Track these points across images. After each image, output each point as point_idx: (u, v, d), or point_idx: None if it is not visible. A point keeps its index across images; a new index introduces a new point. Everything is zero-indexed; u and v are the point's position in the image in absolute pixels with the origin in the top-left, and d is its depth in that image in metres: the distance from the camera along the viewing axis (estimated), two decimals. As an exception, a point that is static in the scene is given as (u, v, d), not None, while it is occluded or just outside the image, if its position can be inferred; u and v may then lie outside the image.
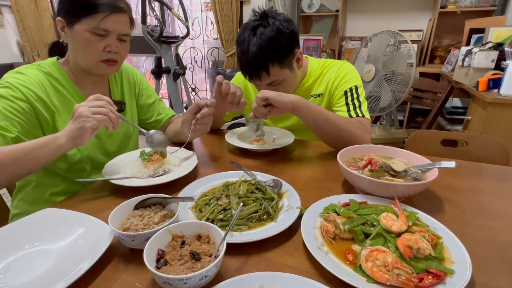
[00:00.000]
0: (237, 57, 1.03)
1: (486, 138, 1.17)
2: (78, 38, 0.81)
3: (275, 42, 0.96)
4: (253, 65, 0.98)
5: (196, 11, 3.93)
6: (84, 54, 0.83)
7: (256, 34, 0.96)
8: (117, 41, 0.85)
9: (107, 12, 0.79)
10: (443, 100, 2.09)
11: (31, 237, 0.58)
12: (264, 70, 0.98)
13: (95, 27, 0.80)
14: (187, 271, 0.46)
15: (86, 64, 0.86)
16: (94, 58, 0.84)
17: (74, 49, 0.85)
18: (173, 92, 3.05)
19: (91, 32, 0.80)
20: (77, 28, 0.80)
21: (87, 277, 0.50)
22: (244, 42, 0.97)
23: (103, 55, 0.84)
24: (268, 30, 0.95)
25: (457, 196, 0.75)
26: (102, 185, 0.81)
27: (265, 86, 1.02)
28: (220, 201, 0.66)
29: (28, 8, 3.86)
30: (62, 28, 0.83)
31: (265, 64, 0.97)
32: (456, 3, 2.73)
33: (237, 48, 1.02)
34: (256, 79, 1.01)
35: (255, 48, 0.95)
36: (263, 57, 0.96)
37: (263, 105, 0.92)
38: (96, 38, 0.81)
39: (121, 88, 1.03)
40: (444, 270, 0.47)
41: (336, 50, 3.30)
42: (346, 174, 0.75)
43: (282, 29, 0.97)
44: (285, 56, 0.99)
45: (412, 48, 2.00)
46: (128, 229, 0.55)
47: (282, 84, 1.04)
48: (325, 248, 0.54)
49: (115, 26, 0.82)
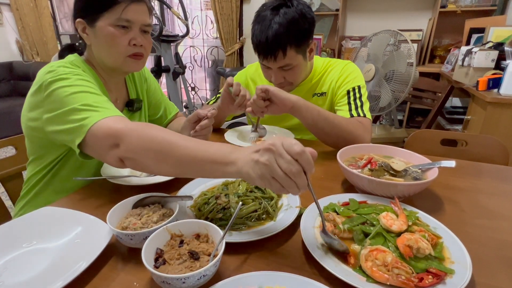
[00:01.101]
0: (253, 35, 0.99)
1: (486, 138, 1.16)
2: (102, 34, 0.79)
3: (297, 23, 0.94)
4: (272, 43, 0.94)
5: (196, 10, 3.92)
6: (111, 51, 0.81)
7: (279, 13, 0.94)
8: (140, 34, 0.83)
9: (127, 2, 0.78)
10: (443, 100, 2.09)
11: (28, 236, 0.58)
12: (282, 50, 0.95)
13: (117, 18, 0.78)
14: (185, 270, 0.46)
15: (114, 61, 0.83)
16: (121, 53, 0.82)
17: (100, 48, 0.82)
18: (172, 91, 3.05)
19: (115, 26, 0.78)
20: (99, 25, 0.78)
21: (85, 276, 0.49)
22: (265, 19, 0.95)
23: (129, 50, 0.82)
24: (291, 10, 0.94)
25: (457, 195, 0.75)
26: (100, 184, 0.81)
27: (276, 70, 1.01)
28: (219, 200, 0.66)
29: (28, 7, 3.85)
30: (83, 30, 0.81)
31: (284, 44, 0.95)
32: (456, 2, 2.73)
33: (254, 26, 0.98)
34: (271, 59, 0.98)
35: (276, 25, 0.93)
36: (283, 36, 0.94)
37: (262, 99, 0.91)
38: (120, 31, 0.79)
39: (135, 86, 1.03)
40: (444, 270, 0.47)
41: (336, 49, 3.29)
42: (346, 174, 0.75)
43: (305, 13, 0.96)
44: (303, 40, 0.98)
45: (412, 47, 1.99)
46: (126, 228, 0.55)
47: (293, 70, 1.02)
48: (324, 247, 0.54)
49: (137, 16, 0.80)
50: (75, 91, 0.69)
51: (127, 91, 1.00)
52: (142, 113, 1.05)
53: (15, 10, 3.87)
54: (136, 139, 0.60)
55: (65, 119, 0.68)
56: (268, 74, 1.06)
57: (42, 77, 0.72)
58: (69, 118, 0.67)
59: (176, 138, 0.58)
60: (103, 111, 0.66)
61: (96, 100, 0.69)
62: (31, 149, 0.85)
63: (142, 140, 0.59)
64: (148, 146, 0.59)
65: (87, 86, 0.72)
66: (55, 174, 0.87)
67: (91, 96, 0.70)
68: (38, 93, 0.72)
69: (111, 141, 0.62)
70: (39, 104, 0.73)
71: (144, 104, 1.05)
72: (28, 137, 0.83)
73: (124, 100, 0.98)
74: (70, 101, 0.68)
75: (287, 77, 1.03)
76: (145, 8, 0.83)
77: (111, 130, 0.62)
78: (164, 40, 2.83)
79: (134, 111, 1.00)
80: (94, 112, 0.66)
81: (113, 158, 0.63)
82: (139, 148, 0.60)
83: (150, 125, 0.62)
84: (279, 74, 1.03)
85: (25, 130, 0.82)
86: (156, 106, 1.11)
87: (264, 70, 1.07)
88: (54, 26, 4.11)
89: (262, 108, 0.92)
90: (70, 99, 0.68)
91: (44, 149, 0.83)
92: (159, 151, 0.58)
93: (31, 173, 0.87)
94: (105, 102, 0.70)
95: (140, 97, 1.03)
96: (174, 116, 1.17)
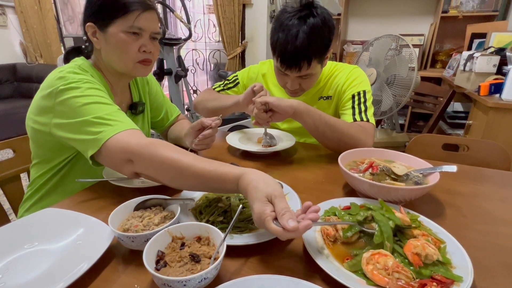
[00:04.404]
0: (277, 44, 0.95)
1: (487, 143, 1.16)
2: (114, 40, 0.80)
3: (322, 33, 0.93)
4: (299, 54, 0.92)
5: (198, 14, 3.95)
6: (121, 56, 0.82)
7: (307, 23, 0.91)
8: (149, 41, 0.85)
9: (140, 10, 0.79)
10: (444, 105, 2.09)
11: (30, 237, 0.58)
12: (307, 61, 0.94)
13: (130, 25, 0.79)
14: (186, 273, 0.46)
15: (124, 66, 0.84)
16: (131, 59, 0.83)
17: (110, 52, 0.83)
18: (174, 94, 3.06)
19: (126, 32, 0.80)
20: (111, 31, 0.79)
21: (86, 278, 0.49)
22: (291, 29, 0.91)
23: (139, 56, 0.84)
24: (317, 20, 0.92)
25: (458, 200, 0.75)
26: (102, 186, 0.81)
27: (294, 78, 1.00)
28: (221, 203, 0.66)
29: (32, 9, 3.89)
30: (93, 34, 0.82)
31: (310, 56, 0.93)
32: (458, 8, 2.74)
33: (277, 34, 0.95)
34: (295, 69, 0.96)
35: (304, 36, 0.90)
36: (310, 48, 0.92)
37: (264, 111, 0.92)
38: (131, 38, 0.81)
39: (137, 89, 1.04)
40: (452, 277, 0.45)
41: (337, 53, 3.31)
42: (347, 177, 0.75)
43: (327, 22, 0.94)
44: (326, 49, 0.98)
45: (413, 52, 2.00)
46: (128, 230, 0.55)
47: (310, 78, 1.02)
48: (325, 251, 0.53)
49: (148, 24, 0.82)
50: (87, 102, 0.71)
51: (131, 94, 1.01)
52: (145, 116, 1.05)
53: (19, 13, 3.90)
54: (148, 158, 0.64)
55: (78, 130, 0.70)
56: (283, 80, 1.05)
57: (52, 82, 0.73)
58: (82, 129, 0.69)
59: (188, 159, 0.62)
60: (116, 125, 0.69)
61: (108, 112, 0.71)
62: (37, 151, 0.85)
63: (154, 161, 0.64)
64: (159, 166, 0.63)
65: (98, 96, 0.74)
66: (64, 175, 0.87)
67: (103, 107, 0.72)
68: (48, 98, 0.73)
69: (125, 156, 0.66)
70: (48, 110, 0.74)
71: (146, 106, 1.06)
72: (33, 140, 0.83)
73: (128, 103, 0.99)
74: (83, 112, 0.70)
75: (303, 84, 1.03)
76: (155, 16, 0.85)
77: (125, 147, 0.66)
78: (167, 43, 2.84)
79: (137, 113, 1.00)
80: (108, 127, 0.68)
81: (128, 172, 0.68)
82: (151, 167, 0.65)
83: (162, 144, 0.65)
84: (295, 82, 1.02)
85: (30, 133, 0.82)
86: (157, 109, 1.12)
87: (280, 76, 1.05)
88: (57, 28, 4.14)
89: (267, 119, 0.93)
90: (82, 110, 0.70)
91: (51, 152, 0.83)
92: (172, 171, 0.63)
93: (36, 175, 0.88)
94: (116, 114, 0.72)
95: (143, 100, 1.04)
96: (176, 119, 1.17)
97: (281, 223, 0.47)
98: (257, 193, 0.51)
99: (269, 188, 0.52)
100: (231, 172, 0.58)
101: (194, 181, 0.62)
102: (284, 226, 0.46)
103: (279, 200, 0.50)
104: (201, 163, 0.61)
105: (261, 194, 0.51)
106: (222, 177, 0.59)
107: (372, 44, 2.22)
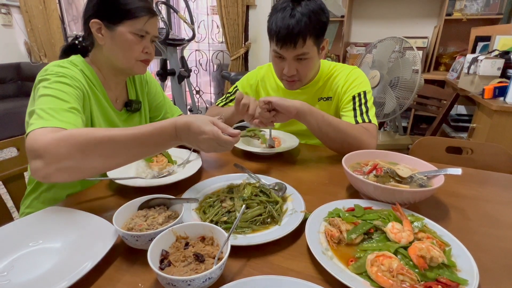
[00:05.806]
0: (271, 24, 1.00)
1: (491, 146, 1.16)
2: (122, 38, 0.85)
3: (318, 15, 0.97)
4: (293, 30, 0.95)
5: (202, 15, 3.96)
6: (126, 54, 0.87)
7: (301, 4, 0.96)
8: (150, 43, 0.91)
9: (149, 16, 0.86)
10: (448, 107, 2.08)
11: (35, 235, 0.58)
12: (302, 38, 0.96)
13: (139, 29, 0.85)
14: (190, 272, 0.46)
15: (125, 63, 0.89)
16: (134, 58, 0.89)
17: (114, 50, 0.87)
18: (177, 94, 3.07)
19: (134, 34, 0.86)
20: (120, 30, 0.84)
21: (90, 276, 0.50)
22: (286, 8, 0.97)
23: (141, 56, 0.90)
24: (312, 4, 0.97)
25: (462, 203, 0.75)
26: (106, 185, 0.81)
27: (290, 61, 1.01)
28: (224, 203, 0.66)
29: (37, 9, 3.92)
30: (98, 30, 0.85)
31: (305, 32, 0.96)
32: (462, 10, 2.73)
33: (273, 15, 0.99)
34: (290, 46, 0.97)
35: (299, 14, 0.95)
36: (305, 24, 0.95)
37: (267, 110, 0.92)
38: (137, 39, 0.87)
39: (134, 87, 1.06)
40: (457, 281, 0.45)
41: (341, 55, 3.31)
42: (351, 179, 0.75)
43: (323, 9, 0.99)
44: (321, 33, 1.00)
45: (417, 54, 1.99)
46: (132, 229, 0.55)
47: (307, 61, 1.03)
48: (329, 253, 0.53)
49: (153, 29, 0.89)
50: (45, 93, 0.73)
51: (127, 92, 1.04)
52: (142, 114, 1.08)
53: (24, 12, 3.93)
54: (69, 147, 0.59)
55: (28, 119, 0.73)
56: (280, 66, 1.05)
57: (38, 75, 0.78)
58: (28, 119, 0.72)
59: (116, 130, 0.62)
60: (48, 120, 0.65)
61: (53, 107, 0.69)
62: None
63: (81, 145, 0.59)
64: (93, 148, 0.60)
65: (58, 90, 0.74)
66: None
67: (55, 101, 0.71)
68: (33, 91, 0.78)
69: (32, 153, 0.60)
70: (31, 102, 0.78)
71: (144, 105, 1.08)
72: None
73: (124, 100, 1.02)
74: (37, 102, 0.72)
75: (300, 69, 1.04)
76: (157, 22, 0.92)
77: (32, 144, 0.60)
78: (170, 43, 2.86)
79: (132, 111, 1.03)
80: (40, 120, 0.65)
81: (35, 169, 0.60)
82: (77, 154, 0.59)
83: (82, 129, 0.62)
84: (292, 65, 1.02)
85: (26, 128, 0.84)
86: (157, 109, 1.14)
87: (277, 62, 1.06)
88: (62, 28, 4.17)
89: (270, 118, 0.94)
90: (38, 100, 0.72)
91: None
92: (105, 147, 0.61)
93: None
94: (61, 110, 0.69)
95: (140, 99, 1.06)
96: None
97: (228, 133, 0.64)
98: (202, 121, 0.62)
99: (207, 117, 0.64)
100: (164, 122, 0.63)
101: (132, 147, 0.62)
102: (231, 133, 0.64)
103: (219, 122, 0.65)
104: (130, 129, 0.62)
105: (206, 120, 0.63)
106: (158, 130, 0.62)
107: (375, 46, 2.21)
